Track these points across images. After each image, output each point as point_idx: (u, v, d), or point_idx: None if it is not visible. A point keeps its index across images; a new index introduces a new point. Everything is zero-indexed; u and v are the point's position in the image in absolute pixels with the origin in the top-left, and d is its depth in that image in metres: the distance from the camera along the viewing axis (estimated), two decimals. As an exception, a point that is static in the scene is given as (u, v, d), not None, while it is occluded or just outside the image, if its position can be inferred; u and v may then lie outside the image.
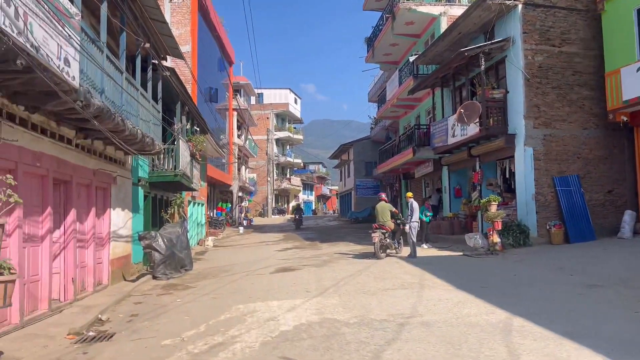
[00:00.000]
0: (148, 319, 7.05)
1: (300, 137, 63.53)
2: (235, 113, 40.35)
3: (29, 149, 6.87)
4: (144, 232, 11.03)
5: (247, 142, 45.04)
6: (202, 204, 25.55)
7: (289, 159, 62.13)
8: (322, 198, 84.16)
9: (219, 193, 38.81)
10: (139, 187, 13.18)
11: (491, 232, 14.49)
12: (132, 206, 12.32)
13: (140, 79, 10.99)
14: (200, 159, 19.81)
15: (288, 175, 64.16)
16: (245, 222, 40.69)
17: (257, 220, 47.12)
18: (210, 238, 24.79)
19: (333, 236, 24.78)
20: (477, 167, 17.85)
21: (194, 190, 18.12)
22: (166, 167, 14.31)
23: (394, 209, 14.80)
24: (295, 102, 64.17)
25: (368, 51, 28.26)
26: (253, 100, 54.33)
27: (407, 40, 24.96)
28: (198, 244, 22.33)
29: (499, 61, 16.50)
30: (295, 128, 63.21)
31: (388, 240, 14.37)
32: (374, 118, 40.83)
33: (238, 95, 43.43)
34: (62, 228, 8.41)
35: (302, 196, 71.76)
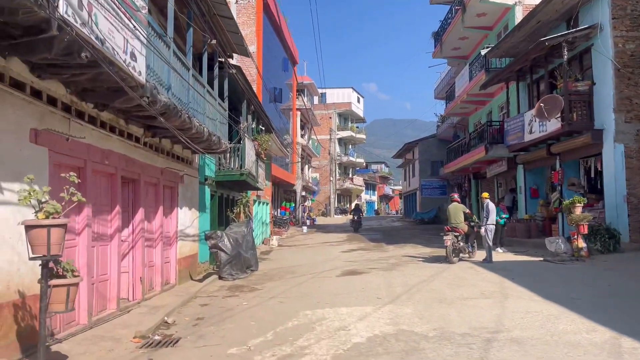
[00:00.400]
0: (214, 323, 6.79)
1: (363, 136, 62.85)
2: (298, 113, 40.38)
3: (97, 146, 6.79)
4: (210, 231, 10.92)
5: (310, 141, 45.00)
6: (267, 203, 25.59)
7: (351, 158, 61.63)
8: (385, 198, 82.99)
9: (282, 192, 38.98)
10: (206, 186, 13.15)
11: (575, 237, 13.31)
12: (198, 205, 12.28)
13: (207, 77, 10.89)
14: (265, 159, 19.74)
15: (350, 175, 63.67)
16: (308, 222, 40.64)
17: (320, 220, 47.00)
18: (274, 237, 24.77)
19: (399, 238, 24.01)
20: (558, 166, 16.55)
21: (259, 189, 18.03)
22: (232, 166, 14.24)
23: (467, 210, 13.97)
24: (358, 101, 63.57)
25: (435, 46, 27.22)
26: (316, 100, 54.29)
27: (477, 33, 23.75)
28: (263, 243, 22.31)
29: (583, 51, 15.18)
30: (357, 127, 62.62)
31: (461, 243, 13.55)
32: (441, 115, 39.51)
33: (301, 95, 43.47)
34: (130, 227, 8.37)
35: (365, 196, 71.03)
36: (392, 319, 6.69)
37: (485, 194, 14.02)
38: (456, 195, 14.72)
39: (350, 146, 63.51)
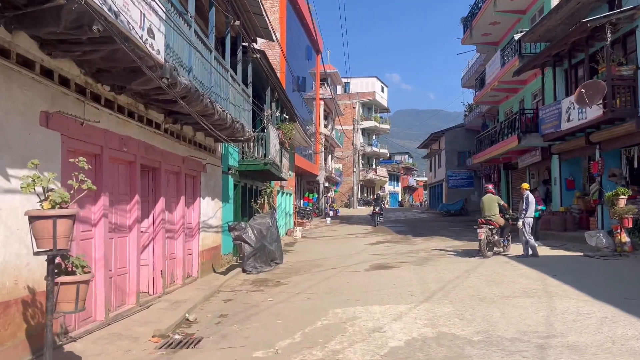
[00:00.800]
0: (238, 321, 6.35)
1: (387, 126, 61.93)
2: (322, 102, 39.80)
3: (115, 132, 6.39)
4: (234, 222, 10.51)
5: (334, 131, 44.39)
6: (290, 194, 25.19)
7: (374, 149, 60.82)
8: (409, 189, 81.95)
9: (305, 183, 38.56)
10: (229, 176, 12.75)
11: (618, 230, 12.51)
12: (222, 195, 11.89)
13: (230, 61, 10.43)
14: (288, 148, 19.28)
15: (374, 166, 62.89)
16: (331, 213, 40.19)
17: (343, 211, 46.49)
18: (298, 228, 24.36)
19: (426, 230, 23.36)
20: (597, 156, 15.65)
21: (283, 179, 17.59)
22: (256, 156, 13.81)
23: (502, 202, 13.28)
24: (382, 90, 62.57)
25: (465, 32, 26.27)
26: (339, 90, 53.51)
27: (509, 18, 22.76)
28: (287, 234, 21.92)
29: (627, 33, 14.23)
30: (381, 117, 61.71)
31: (496, 237, 12.88)
32: (469, 104, 38.44)
33: (325, 84, 42.85)
34: (150, 217, 8.00)
35: (388, 187, 70.19)
36: (429, 320, 6.15)
37: (526, 185, 13.26)
38: (491, 186, 14.00)
39: (373, 136, 62.68)
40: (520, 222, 12.56)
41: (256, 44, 12.09)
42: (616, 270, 10.09)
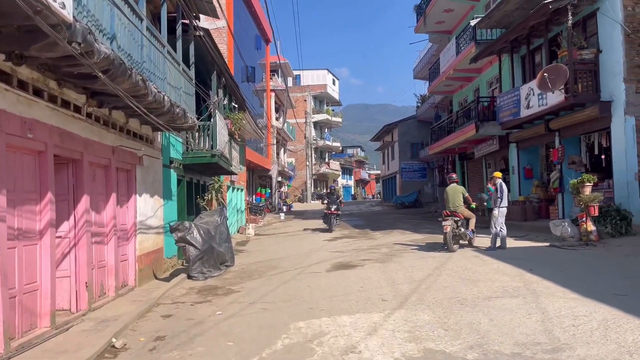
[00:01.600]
0: (178, 345, 5.17)
1: (339, 119, 61.30)
2: (273, 94, 38.50)
3: (14, 113, 5.04)
4: (177, 222, 9.22)
5: (285, 124, 43.21)
6: (242, 190, 23.88)
7: (327, 142, 60.09)
8: (361, 182, 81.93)
9: (257, 178, 37.23)
10: (171, 170, 11.41)
11: (584, 219, 12.09)
12: (163, 192, 10.55)
13: (168, 40, 9.13)
14: (239, 140, 18.02)
15: (327, 159, 62.18)
16: (285, 208, 39.07)
17: (297, 206, 45.48)
18: (251, 225, 23.11)
19: (383, 223, 22.67)
20: (557, 143, 15.34)
21: (234, 173, 16.33)
22: (202, 147, 12.51)
23: (466, 194, 12.60)
24: (334, 83, 61.86)
25: (418, 20, 25.72)
26: (290, 82, 52.22)
27: (463, 5, 22.34)
28: (238, 231, 20.66)
29: (587, 16, 13.88)
30: (333, 110, 60.99)
31: (462, 229, 12.20)
32: (421, 96, 38.23)
33: (275, 76, 41.55)
34: (71, 220, 6.64)
35: (341, 180, 69.71)
36: (410, 332, 5.20)
37: (498, 173, 12.61)
38: (455, 176, 13.28)
39: (326, 130, 61.94)
40: (496, 212, 11.88)
41: (199, 21, 10.78)
42: (589, 261, 9.55)
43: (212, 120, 12.52)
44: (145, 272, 9.18)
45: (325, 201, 19.87)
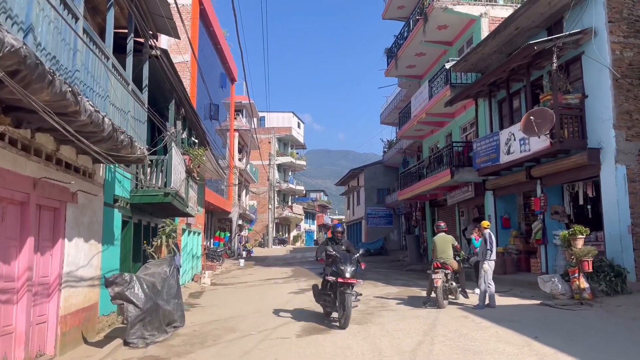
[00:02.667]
0: None
1: (303, 162, 60.33)
2: (236, 134, 37.22)
3: None
4: (114, 275, 7.50)
5: (249, 166, 41.77)
6: (199, 233, 22.04)
7: (291, 185, 58.77)
8: (324, 228, 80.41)
9: (217, 221, 35.34)
10: (115, 210, 9.74)
11: (576, 275, 11.05)
12: (102, 235, 8.86)
13: (118, 59, 7.73)
14: (198, 179, 16.44)
15: (290, 203, 60.68)
16: (244, 253, 37.08)
17: (257, 251, 43.43)
18: (207, 273, 21.19)
19: (351, 272, 21.16)
20: (539, 192, 14.50)
21: (190, 215, 14.67)
22: (154, 184, 10.91)
23: (455, 243, 11.43)
24: (299, 126, 61.24)
25: (389, 63, 25.26)
26: (255, 123, 51.13)
27: (436, 49, 21.98)
28: (193, 280, 18.73)
29: (570, 60, 13.36)
30: (297, 153, 60.07)
31: (453, 283, 11.02)
32: (388, 141, 37.75)
33: (240, 115, 40.41)
34: (-39, 273, 4.95)
35: (304, 225, 68.12)
36: None
37: (486, 223, 11.46)
38: (443, 224, 12.15)
39: (290, 173, 60.73)
40: (486, 265, 10.67)
41: (157, 41, 9.44)
42: (596, 326, 8.38)
43: (167, 154, 10.99)
44: (71, 335, 7.37)
45: (329, 255, 9.69)
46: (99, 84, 6.19)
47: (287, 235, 61.26)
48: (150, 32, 9.11)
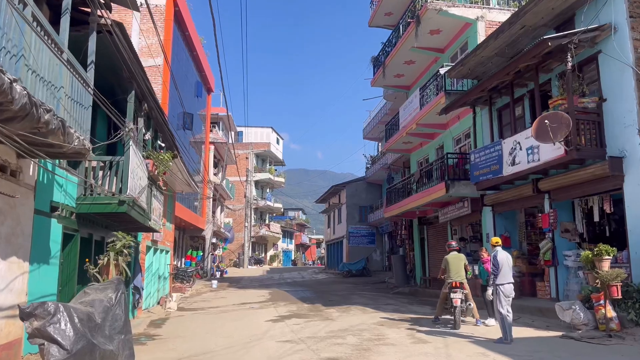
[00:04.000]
0: None
1: (282, 179, 58.46)
2: (212, 147, 35.31)
3: None
4: (33, 304, 5.57)
5: (224, 181, 39.77)
6: (167, 251, 19.98)
7: (268, 203, 56.75)
8: (302, 247, 78.30)
9: (188, 239, 33.13)
10: (53, 220, 7.83)
11: (601, 302, 9.52)
12: (31, 251, 6.94)
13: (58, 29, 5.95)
14: (164, 189, 14.55)
15: (267, 221, 58.56)
16: (218, 274, 34.86)
17: (232, 271, 41.19)
18: (174, 296, 19.11)
19: (335, 296, 19.36)
20: (548, 207, 13.04)
21: (154, 230, 12.74)
22: (108, 191, 9.03)
23: (466, 262, 10.01)
24: (277, 142, 59.53)
25: (375, 72, 23.86)
26: (232, 138, 49.20)
27: (427, 57, 20.67)
28: (159, 303, 16.65)
29: (584, 61, 12.02)
30: (276, 170, 58.21)
31: (471, 304, 9.89)
32: (371, 156, 36.31)
33: (216, 128, 38.55)
34: None
35: (281, 244, 65.94)
36: None
37: (496, 239, 9.94)
38: (454, 243, 10.89)
39: (267, 190, 58.77)
40: (489, 292, 9.15)
41: (110, 12, 7.67)
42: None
43: (124, 155, 9.16)
44: (-27, 386, 5.42)
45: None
46: (7, 35, 4.39)
47: (263, 255, 58.97)
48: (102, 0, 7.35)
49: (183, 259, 32.35)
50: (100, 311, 6.15)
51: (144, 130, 10.82)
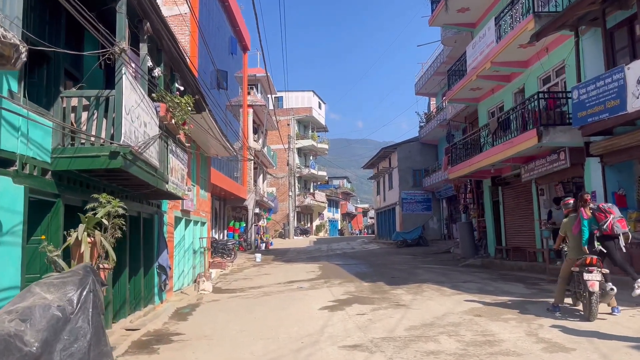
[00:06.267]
0: None
1: (325, 146, 55.58)
2: (251, 110, 32.67)
3: None
4: None
5: (266, 148, 37.23)
6: (204, 223, 17.61)
7: (312, 171, 54.13)
8: (348, 216, 75.77)
9: (230, 209, 30.98)
10: (7, 180, 5.24)
11: None
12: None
13: None
14: (188, 146, 11.98)
15: (311, 190, 56.10)
16: (263, 246, 32.73)
17: (277, 243, 39.10)
18: (213, 272, 16.81)
19: (395, 270, 16.54)
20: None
21: (174, 197, 10.16)
22: (98, 137, 6.41)
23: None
24: (320, 107, 56.40)
25: (434, 8, 20.28)
26: (271, 104, 46.32)
27: (499, -17, 16.96)
28: (195, 281, 14.29)
29: None
30: (319, 136, 55.34)
31: (612, 288, 7.03)
32: (425, 114, 32.80)
33: (254, 90, 35.83)
34: None
35: (327, 214, 63.52)
36: None
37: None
38: (572, 201, 7.76)
39: (311, 157, 56.12)
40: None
41: None
42: None
43: (116, 83, 6.46)
44: None
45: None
46: None
47: (309, 225, 56.77)
48: None
49: (225, 231, 30.32)
50: (42, 328, 3.50)
51: (149, 62, 8.07)
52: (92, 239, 4.87)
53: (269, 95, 38.99)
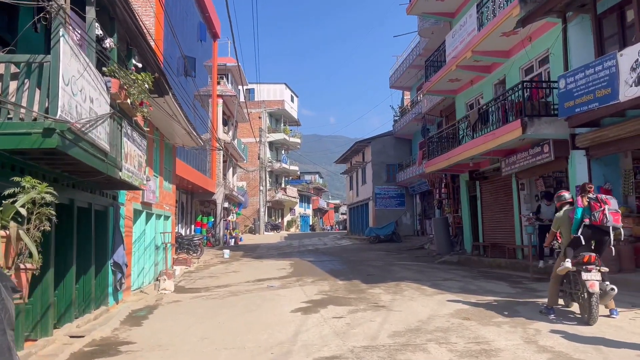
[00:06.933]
0: None
1: (298, 140, 54.62)
2: (220, 101, 31.43)
3: None
4: None
5: (236, 140, 36.02)
6: (168, 217, 16.47)
7: (284, 165, 53.09)
8: (319, 212, 75.03)
9: (198, 203, 29.78)
10: None
11: None
12: None
13: None
14: (149, 130, 10.92)
15: (283, 185, 55.08)
16: (231, 241, 31.64)
17: (247, 238, 38.03)
18: (177, 270, 15.72)
19: (370, 267, 15.81)
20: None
21: (131, 186, 9.09)
22: (29, 110, 5.36)
23: None
24: (292, 100, 55.38)
25: (412, -4, 19.58)
26: (242, 96, 44.85)
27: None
28: (157, 279, 13.19)
29: None
30: (291, 130, 54.32)
31: (612, 287, 6.78)
32: (399, 108, 32.24)
33: (224, 80, 34.58)
34: None
35: (299, 209, 62.61)
36: None
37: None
38: (567, 194, 7.19)
39: (282, 152, 55.05)
40: None
41: None
42: None
43: (51, 50, 5.41)
44: None
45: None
46: None
47: (280, 220, 55.79)
48: None
49: (193, 226, 29.10)
50: None
51: (99, 30, 7.00)
52: (7, 232, 3.88)
53: (240, 87, 37.72)
